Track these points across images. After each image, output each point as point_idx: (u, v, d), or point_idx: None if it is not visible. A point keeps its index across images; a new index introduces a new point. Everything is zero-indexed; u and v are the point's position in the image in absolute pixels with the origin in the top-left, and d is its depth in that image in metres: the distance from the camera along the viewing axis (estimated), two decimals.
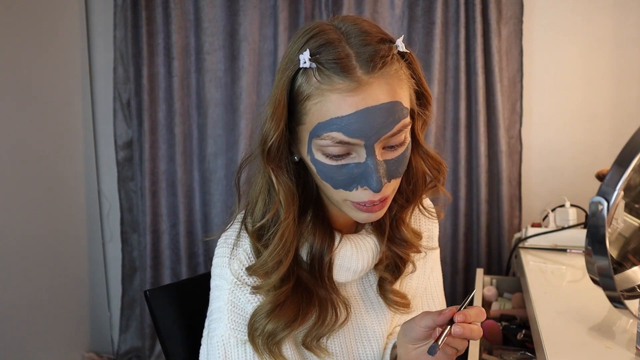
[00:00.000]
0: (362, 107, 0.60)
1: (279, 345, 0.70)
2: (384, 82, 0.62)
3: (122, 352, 2.28)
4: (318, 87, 0.62)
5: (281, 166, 0.69)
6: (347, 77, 0.60)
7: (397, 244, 0.79)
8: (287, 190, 0.68)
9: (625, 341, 0.87)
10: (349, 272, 0.75)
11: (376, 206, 0.67)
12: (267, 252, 0.69)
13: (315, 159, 0.65)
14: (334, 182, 0.66)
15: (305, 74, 0.63)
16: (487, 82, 1.89)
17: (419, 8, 1.93)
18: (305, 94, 0.63)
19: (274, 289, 0.69)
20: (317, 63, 0.62)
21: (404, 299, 0.81)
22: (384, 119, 0.61)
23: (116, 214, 2.25)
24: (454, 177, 1.97)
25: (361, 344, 0.80)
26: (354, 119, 0.60)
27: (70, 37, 2.12)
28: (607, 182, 0.76)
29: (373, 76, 0.61)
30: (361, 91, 0.60)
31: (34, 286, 1.92)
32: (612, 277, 0.79)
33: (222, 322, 0.71)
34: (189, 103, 2.10)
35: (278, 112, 0.64)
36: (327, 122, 0.62)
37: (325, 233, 0.73)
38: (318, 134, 0.63)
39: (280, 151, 0.67)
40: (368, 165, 0.63)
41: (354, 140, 0.62)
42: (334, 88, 0.61)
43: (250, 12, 2.00)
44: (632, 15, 1.85)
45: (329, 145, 0.63)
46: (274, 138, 0.65)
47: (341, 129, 0.61)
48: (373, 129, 0.61)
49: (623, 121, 1.89)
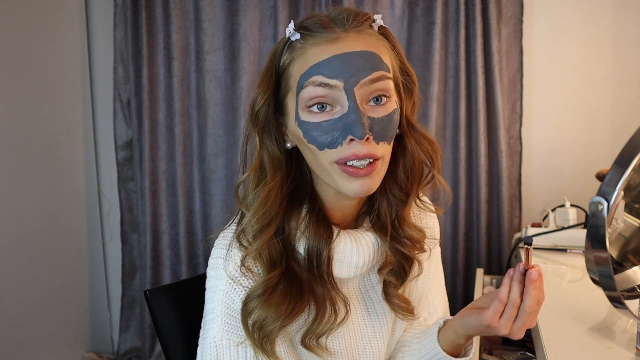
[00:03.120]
0: (340, 52, 0.65)
1: (271, 342, 0.69)
2: (361, 37, 0.67)
3: (122, 352, 2.28)
4: (300, 48, 0.67)
5: (268, 131, 0.71)
6: (326, 31, 0.66)
7: (401, 243, 0.78)
8: (272, 152, 0.71)
9: (625, 341, 0.87)
10: (350, 267, 0.74)
11: (364, 169, 0.66)
12: (250, 213, 0.70)
13: (301, 120, 0.67)
14: (319, 142, 0.66)
15: (290, 47, 0.69)
16: (487, 82, 1.89)
17: (419, 8, 1.93)
18: (288, 60, 0.69)
19: (265, 270, 0.70)
20: (301, 29, 0.68)
21: (408, 305, 0.81)
22: (362, 64, 0.65)
23: (116, 214, 2.25)
24: (454, 177, 1.97)
25: (362, 343, 0.80)
26: (332, 61, 0.65)
27: (70, 37, 2.12)
28: (607, 182, 0.76)
29: (350, 32, 0.66)
30: (339, 41, 0.66)
31: (34, 286, 1.92)
32: (612, 277, 0.79)
33: (216, 323, 0.71)
34: (189, 103, 2.10)
35: (266, 79, 0.70)
36: (307, 71, 0.66)
37: (321, 227, 0.72)
38: (301, 85, 0.66)
39: (267, 117, 0.71)
40: (350, 113, 0.64)
41: (333, 81, 0.64)
42: (314, 43, 0.66)
43: (250, 12, 2.00)
44: (632, 15, 1.85)
45: (311, 95, 0.65)
46: (261, 102, 0.70)
47: (320, 72, 0.65)
48: (351, 70, 0.64)
49: (623, 121, 1.89)
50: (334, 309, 0.73)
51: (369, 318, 0.81)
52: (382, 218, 0.77)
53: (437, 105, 1.93)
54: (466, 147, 1.95)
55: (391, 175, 0.75)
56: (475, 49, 1.86)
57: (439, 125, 1.96)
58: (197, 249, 2.17)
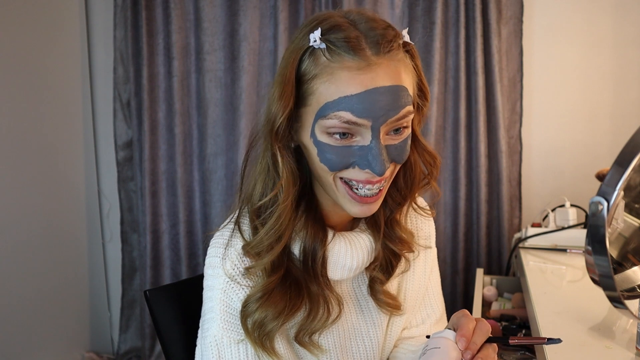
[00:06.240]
0: (371, 86, 0.61)
1: (271, 339, 0.70)
2: (392, 64, 0.63)
3: (122, 352, 2.28)
4: (327, 66, 0.63)
5: (287, 146, 0.69)
6: (357, 55, 0.61)
7: (392, 240, 0.79)
8: (290, 170, 0.68)
9: (625, 341, 0.87)
10: (344, 270, 0.75)
11: (371, 198, 0.67)
12: (263, 231, 0.69)
13: (318, 140, 0.65)
14: (332, 164, 0.65)
15: (313, 55, 0.64)
16: (487, 82, 1.89)
17: (419, 8, 1.93)
18: (312, 73, 0.64)
19: (265, 274, 0.70)
20: (327, 42, 0.63)
21: (395, 301, 0.81)
22: (391, 102, 0.62)
23: (116, 214, 2.25)
24: (454, 177, 1.97)
25: (355, 342, 0.80)
26: (363, 98, 0.61)
27: (70, 37, 2.12)
28: (607, 182, 0.76)
29: (381, 57, 0.62)
30: (370, 70, 0.62)
31: (34, 286, 1.92)
32: (612, 277, 0.79)
33: (215, 322, 0.71)
34: (189, 103, 2.10)
35: (287, 91, 0.64)
36: (335, 101, 0.62)
37: (317, 228, 0.73)
38: (325, 114, 0.63)
39: (287, 131, 0.67)
40: (372, 147, 0.63)
41: (361, 120, 0.62)
42: (344, 66, 0.62)
43: (250, 12, 2.00)
44: (632, 15, 1.85)
45: (335, 125, 0.63)
46: (283, 117, 0.65)
47: (349, 108, 0.62)
48: (381, 110, 0.62)
49: (623, 121, 1.89)
50: (327, 307, 0.74)
51: (362, 316, 0.81)
52: (376, 216, 0.78)
53: (437, 105, 1.93)
54: (466, 147, 1.95)
55: (392, 182, 0.76)
56: (475, 49, 1.86)
57: (439, 125, 1.96)
58: (197, 249, 2.17)
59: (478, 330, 0.63)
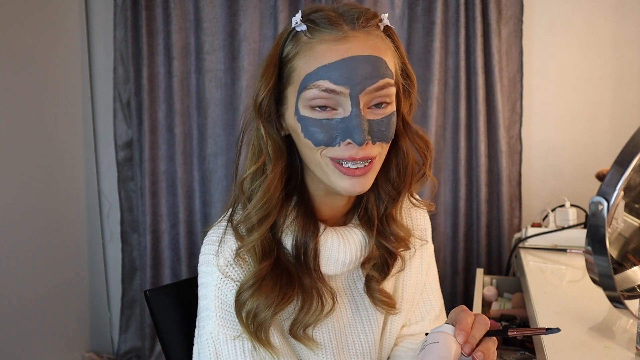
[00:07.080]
0: (348, 55, 0.64)
1: (265, 330, 0.70)
2: (369, 38, 0.67)
3: (122, 352, 2.28)
4: (307, 42, 0.67)
5: (270, 121, 0.71)
6: (335, 29, 0.66)
7: (387, 238, 0.79)
8: (275, 143, 0.71)
9: (625, 341, 0.87)
10: (337, 264, 0.75)
11: (359, 169, 0.67)
12: (251, 204, 0.70)
13: (301, 115, 0.67)
14: (316, 139, 0.67)
15: (295, 37, 0.68)
16: (487, 82, 1.89)
17: (419, 8, 1.93)
18: (293, 52, 0.68)
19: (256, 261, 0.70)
20: (307, 22, 0.67)
21: (390, 299, 0.81)
22: (368, 71, 0.65)
23: (116, 214, 2.25)
24: (454, 177, 1.97)
25: (350, 338, 0.80)
26: (340, 65, 0.64)
27: (70, 37, 2.12)
28: (607, 182, 0.76)
29: (358, 31, 0.66)
30: (347, 41, 0.65)
31: (34, 286, 1.92)
32: (612, 277, 0.79)
33: (211, 319, 0.71)
34: (189, 103, 2.10)
35: (269, 70, 0.69)
36: (313, 72, 0.65)
37: (308, 221, 0.73)
38: (305, 85, 0.66)
39: (270, 107, 0.70)
40: (352, 117, 0.65)
41: (339, 88, 0.64)
42: (322, 39, 0.66)
43: (250, 12, 2.00)
44: (632, 15, 1.85)
45: (315, 96, 0.65)
46: (265, 93, 0.69)
47: (327, 77, 0.64)
48: (358, 77, 0.64)
49: (623, 121, 1.89)
50: (320, 300, 0.74)
51: (357, 312, 0.81)
52: (369, 212, 0.78)
53: (437, 105, 1.93)
54: (466, 147, 1.95)
55: (384, 173, 0.76)
56: (475, 49, 1.86)
57: (439, 125, 1.96)
58: (197, 249, 2.17)
59: (477, 324, 0.63)
